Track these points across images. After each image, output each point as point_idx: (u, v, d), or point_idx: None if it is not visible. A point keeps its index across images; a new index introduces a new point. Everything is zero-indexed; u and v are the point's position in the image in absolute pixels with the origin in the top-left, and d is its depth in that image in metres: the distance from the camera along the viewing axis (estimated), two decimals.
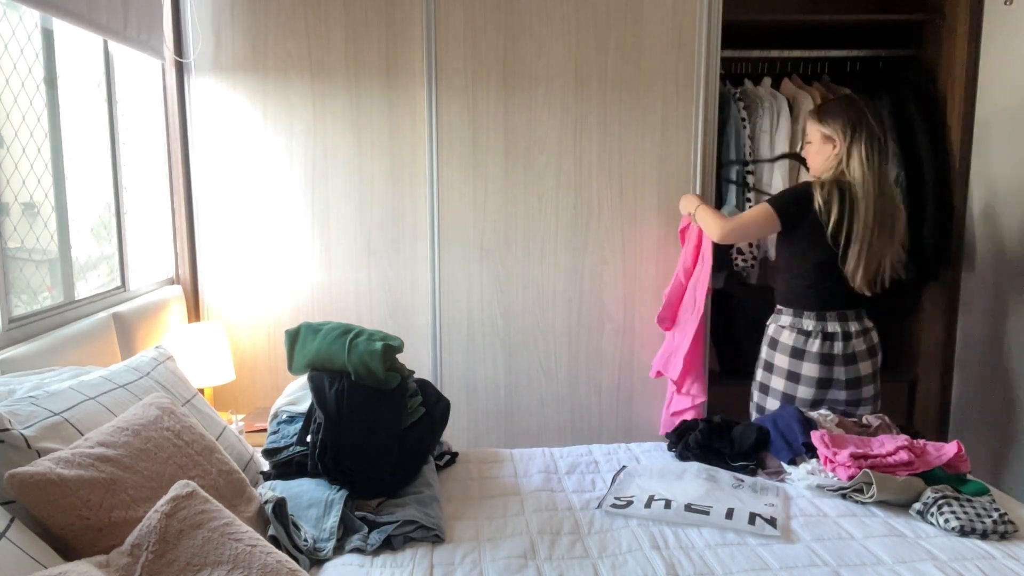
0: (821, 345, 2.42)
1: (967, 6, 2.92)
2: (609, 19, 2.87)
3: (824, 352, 2.41)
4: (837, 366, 2.42)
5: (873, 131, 2.38)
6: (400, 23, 2.83)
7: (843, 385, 2.42)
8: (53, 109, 2.20)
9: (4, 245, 1.96)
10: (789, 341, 2.46)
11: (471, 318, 3.00)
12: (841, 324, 2.43)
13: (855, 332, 2.43)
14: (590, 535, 1.78)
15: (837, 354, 2.41)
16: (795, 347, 2.45)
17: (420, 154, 2.90)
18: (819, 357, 2.41)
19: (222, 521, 1.32)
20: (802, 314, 2.47)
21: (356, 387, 1.99)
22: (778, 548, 1.70)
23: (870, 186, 2.35)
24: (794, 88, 3.14)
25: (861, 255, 2.37)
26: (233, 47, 2.82)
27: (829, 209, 2.37)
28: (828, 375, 2.42)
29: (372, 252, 2.95)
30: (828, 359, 2.42)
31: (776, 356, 2.50)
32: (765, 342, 2.57)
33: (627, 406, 3.08)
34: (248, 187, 2.90)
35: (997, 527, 1.75)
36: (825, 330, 2.43)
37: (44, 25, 2.18)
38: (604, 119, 2.92)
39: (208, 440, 1.67)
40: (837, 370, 2.42)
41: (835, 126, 2.42)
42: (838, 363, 2.42)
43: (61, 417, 1.49)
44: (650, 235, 2.99)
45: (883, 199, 2.37)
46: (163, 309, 2.69)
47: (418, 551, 1.70)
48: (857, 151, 2.38)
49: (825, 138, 2.45)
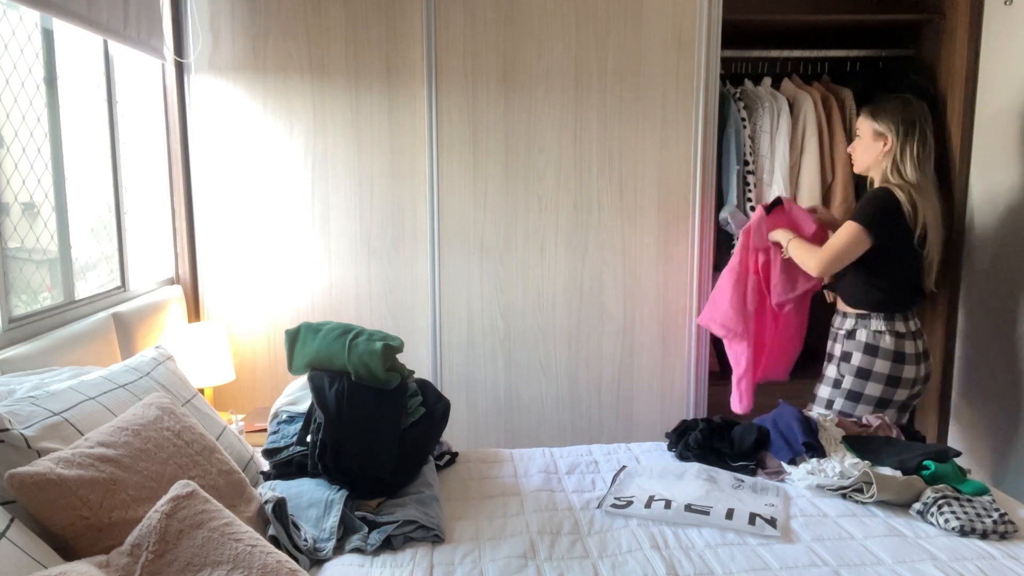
0: (915, 344, 2.47)
1: (967, 6, 2.92)
2: (609, 19, 2.87)
3: (919, 352, 2.48)
4: (923, 363, 2.49)
5: (926, 134, 2.40)
6: (400, 23, 2.83)
7: (923, 380, 2.51)
8: (53, 109, 2.20)
9: (4, 245, 1.96)
10: (890, 346, 2.44)
11: (471, 318, 3.00)
12: (915, 322, 2.51)
13: (920, 329, 2.52)
14: (590, 535, 1.78)
15: (922, 352, 2.49)
16: (896, 351, 2.44)
17: (420, 154, 2.90)
18: (915, 357, 2.47)
19: (222, 521, 1.32)
20: (894, 316, 2.46)
21: (356, 387, 1.98)
22: (778, 548, 1.70)
23: (927, 186, 2.39)
24: (794, 88, 3.14)
25: (935, 255, 2.44)
26: (233, 47, 2.82)
27: (915, 212, 2.38)
28: (921, 373, 2.49)
29: (372, 252, 2.95)
30: (924, 357, 2.49)
31: (876, 362, 2.45)
32: (858, 349, 2.48)
33: (627, 406, 3.08)
34: (248, 187, 2.90)
35: (997, 527, 1.75)
36: (911, 329, 2.48)
37: (44, 25, 2.18)
38: (604, 119, 2.92)
39: (208, 440, 1.67)
40: (924, 367, 2.49)
41: (888, 124, 2.43)
42: (924, 360, 2.49)
43: (61, 417, 1.49)
44: (650, 235, 2.99)
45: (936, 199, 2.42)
46: (163, 309, 2.69)
47: (418, 551, 1.70)
48: (909, 151, 2.39)
49: (876, 135, 2.46)
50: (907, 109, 2.42)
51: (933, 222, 2.40)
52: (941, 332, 3.10)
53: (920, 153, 2.39)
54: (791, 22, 3.09)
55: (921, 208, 2.37)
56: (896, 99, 2.49)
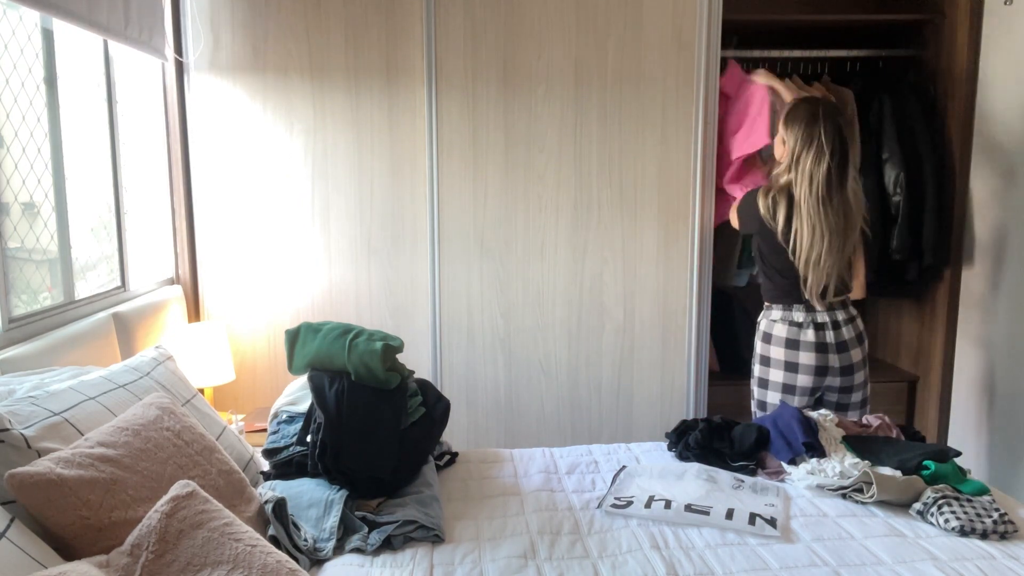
0: (815, 334, 2.46)
1: (967, 6, 2.92)
2: (609, 19, 2.87)
3: (819, 341, 2.46)
4: (831, 354, 2.46)
5: (823, 151, 2.37)
6: (400, 23, 2.83)
7: (837, 372, 2.48)
8: (53, 109, 2.20)
9: (4, 245, 1.96)
10: (783, 333, 2.50)
11: (471, 318, 3.00)
12: (829, 314, 2.48)
13: (843, 320, 2.49)
14: (590, 535, 1.78)
15: (830, 342, 2.46)
16: (789, 338, 2.49)
17: (420, 154, 2.90)
18: (814, 346, 2.46)
19: (222, 521, 1.32)
20: (791, 307, 2.50)
21: (356, 387, 1.98)
22: (778, 548, 1.70)
23: (812, 204, 2.38)
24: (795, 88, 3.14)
25: (808, 268, 2.42)
26: (233, 47, 2.82)
27: (774, 215, 2.44)
28: (824, 363, 2.46)
29: (372, 252, 2.95)
30: (823, 347, 2.46)
31: (772, 349, 2.53)
32: (758, 338, 2.59)
33: (627, 406, 3.08)
34: (248, 187, 2.90)
35: (997, 527, 1.75)
36: (815, 320, 2.47)
37: (44, 25, 2.18)
38: (604, 119, 2.92)
39: (208, 440, 1.67)
40: (832, 358, 2.46)
41: (790, 134, 2.45)
42: (832, 351, 2.46)
43: (61, 417, 1.49)
44: (650, 235, 2.99)
45: (829, 215, 2.38)
46: (163, 309, 2.69)
47: (418, 551, 1.70)
48: (803, 167, 2.40)
49: (781, 139, 2.50)
50: (811, 124, 2.39)
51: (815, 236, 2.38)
52: (941, 332, 3.11)
53: (813, 168, 2.37)
54: (791, 22, 3.10)
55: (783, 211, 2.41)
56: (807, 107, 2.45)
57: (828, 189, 2.38)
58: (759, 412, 2.59)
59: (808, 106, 2.45)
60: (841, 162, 2.40)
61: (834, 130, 2.39)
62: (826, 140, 2.38)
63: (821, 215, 2.38)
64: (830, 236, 2.38)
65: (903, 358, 3.36)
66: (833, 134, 2.39)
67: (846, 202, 2.42)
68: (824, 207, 2.38)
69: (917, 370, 3.26)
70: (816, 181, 2.38)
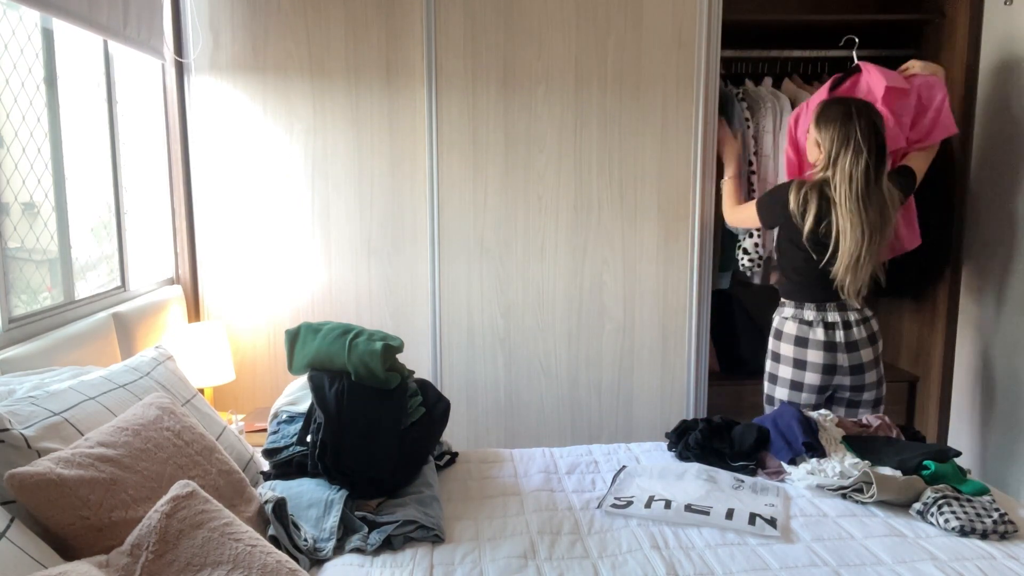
0: (824, 333, 2.46)
1: (967, 6, 2.92)
2: (609, 19, 2.87)
3: (827, 340, 2.46)
4: (840, 353, 2.46)
5: (860, 150, 2.36)
6: (400, 23, 2.83)
7: (847, 371, 2.48)
8: (53, 109, 2.20)
9: (4, 245, 1.96)
10: (793, 331, 2.51)
11: (471, 318, 3.00)
12: (841, 314, 2.47)
13: (855, 321, 2.48)
14: (590, 535, 1.78)
15: (839, 342, 2.46)
16: (799, 336, 2.49)
17: (420, 154, 2.90)
18: (823, 345, 2.46)
19: (222, 521, 1.32)
20: (803, 305, 2.51)
21: (356, 387, 1.98)
22: (778, 548, 1.70)
23: (851, 203, 2.36)
24: (795, 88, 3.14)
25: (848, 269, 2.40)
26: (233, 47, 2.82)
27: (803, 213, 2.41)
28: (832, 361, 2.46)
29: (372, 252, 2.95)
30: (831, 346, 2.46)
31: (782, 346, 2.54)
32: (771, 334, 2.61)
33: (627, 406, 3.08)
34: (248, 187, 2.90)
35: (997, 527, 1.75)
36: (826, 320, 2.47)
37: (44, 25, 2.18)
38: (604, 119, 2.92)
39: (208, 440, 1.67)
40: (840, 356, 2.46)
41: (824, 135, 2.43)
42: (841, 350, 2.46)
43: (61, 417, 1.49)
44: (650, 235, 2.99)
45: (869, 213, 2.37)
46: (163, 309, 2.69)
47: (418, 551, 1.70)
48: (841, 166, 2.39)
49: (815, 142, 2.48)
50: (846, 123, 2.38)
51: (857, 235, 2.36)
52: (941, 332, 3.11)
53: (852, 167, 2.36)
54: (791, 22, 3.09)
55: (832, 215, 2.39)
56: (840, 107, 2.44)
57: (867, 187, 2.36)
58: (768, 407, 2.62)
59: (841, 106, 2.43)
60: (878, 159, 2.39)
61: (869, 127, 2.37)
62: (862, 138, 2.36)
63: (862, 213, 2.36)
64: (871, 233, 2.37)
65: (903, 358, 3.36)
66: (869, 131, 2.36)
67: (882, 198, 2.40)
68: (864, 205, 2.36)
69: (917, 370, 3.26)
70: (856, 180, 2.36)
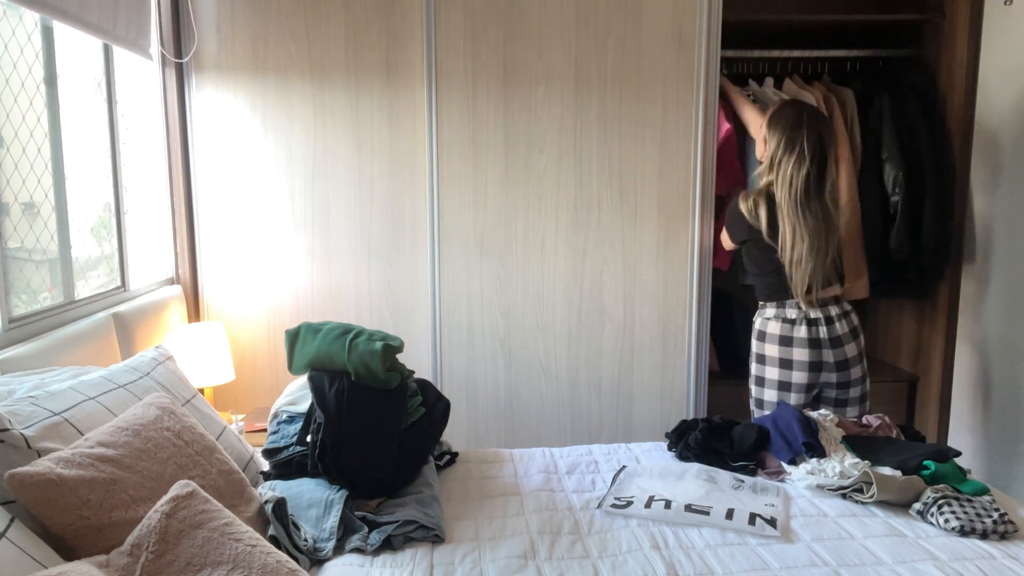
0: (808, 330, 2.48)
1: (967, 6, 2.92)
2: (609, 19, 2.87)
3: (811, 336, 2.48)
4: (825, 349, 2.48)
5: (804, 157, 2.40)
6: (400, 23, 2.83)
7: (832, 367, 2.49)
8: (53, 109, 2.20)
9: (4, 245, 1.96)
10: (776, 331, 2.52)
11: (471, 318, 3.00)
12: (822, 310, 2.50)
13: (836, 316, 2.50)
14: (590, 535, 1.78)
15: (823, 337, 2.48)
16: (783, 335, 2.51)
17: (420, 154, 2.90)
18: (807, 342, 2.48)
19: (222, 521, 1.32)
20: (784, 304, 2.53)
21: (356, 387, 1.98)
22: (778, 548, 1.70)
23: (790, 207, 2.42)
24: (796, 88, 3.14)
25: (792, 268, 2.45)
26: (233, 47, 2.82)
27: (757, 216, 2.48)
28: (818, 358, 2.48)
29: (372, 252, 2.95)
30: (816, 343, 2.48)
31: (766, 347, 2.55)
32: (754, 336, 2.62)
33: (627, 406, 3.08)
34: (248, 187, 2.90)
35: (997, 527, 1.75)
36: (808, 316, 2.49)
37: (44, 24, 2.18)
38: (604, 119, 2.92)
39: (208, 440, 1.67)
40: (825, 352, 2.48)
41: (772, 136, 2.49)
42: (825, 346, 2.48)
43: (61, 417, 1.49)
44: (650, 235, 2.99)
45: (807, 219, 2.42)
46: (163, 309, 2.69)
47: (418, 551, 1.70)
48: (784, 171, 2.45)
49: (763, 139, 2.54)
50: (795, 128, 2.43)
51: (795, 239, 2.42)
52: (941, 332, 3.11)
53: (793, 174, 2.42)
54: (791, 22, 3.09)
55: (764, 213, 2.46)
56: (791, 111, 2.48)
57: (806, 194, 2.43)
58: (757, 411, 2.61)
59: (794, 110, 2.49)
60: (820, 170, 2.45)
61: (816, 138, 2.43)
62: (807, 146, 2.42)
63: (799, 217, 2.42)
64: (809, 238, 2.42)
65: (903, 358, 3.36)
66: (815, 142, 2.43)
67: (824, 207, 2.46)
68: (802, 210, 2.43)
69: (917, 370, 3.26)
70: (795, 186, 2.43)
